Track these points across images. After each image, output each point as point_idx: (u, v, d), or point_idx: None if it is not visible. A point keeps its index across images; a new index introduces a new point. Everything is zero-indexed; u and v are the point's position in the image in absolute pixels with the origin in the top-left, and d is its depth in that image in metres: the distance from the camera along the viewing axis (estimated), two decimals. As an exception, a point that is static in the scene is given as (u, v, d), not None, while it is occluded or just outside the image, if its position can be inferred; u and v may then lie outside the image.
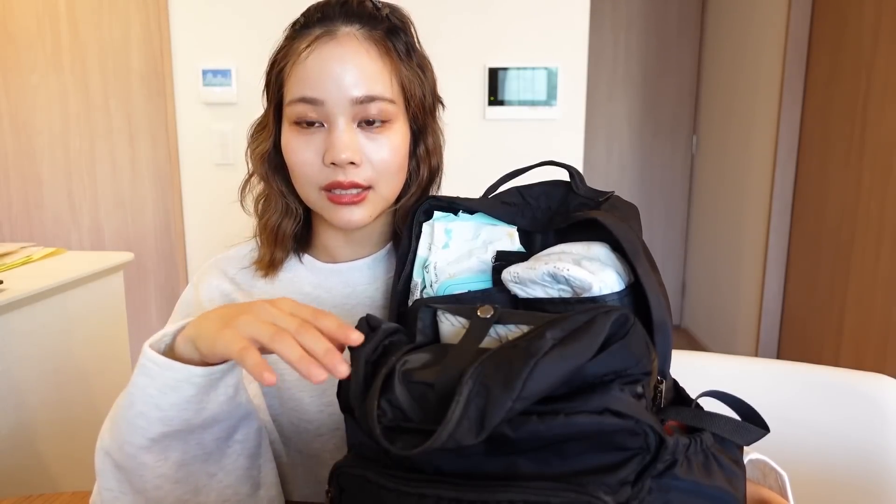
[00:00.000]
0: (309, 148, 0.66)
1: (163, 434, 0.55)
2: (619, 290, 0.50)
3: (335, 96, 0.64)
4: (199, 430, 0.57)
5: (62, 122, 2.37)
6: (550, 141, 2.17)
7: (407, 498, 0.45)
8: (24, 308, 1.26)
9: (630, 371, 0.43)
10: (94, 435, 0.65)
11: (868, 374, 0.87)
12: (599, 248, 0.53)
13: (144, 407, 0.54)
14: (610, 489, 0.41)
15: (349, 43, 0.65)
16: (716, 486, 0.45)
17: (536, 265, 0.52)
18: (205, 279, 0.77)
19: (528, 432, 0.42)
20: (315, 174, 0.66)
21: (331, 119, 0.65)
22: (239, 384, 0.58)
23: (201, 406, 0.55)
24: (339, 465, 0.50)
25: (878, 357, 1.94)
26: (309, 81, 0.65)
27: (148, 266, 2.44)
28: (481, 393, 0.40)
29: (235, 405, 0.58)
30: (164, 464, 0.57)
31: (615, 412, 0.41)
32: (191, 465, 0.58)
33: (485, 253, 0.59)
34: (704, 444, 0.46)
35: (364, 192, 0.66)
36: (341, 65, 0.64)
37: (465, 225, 0.62)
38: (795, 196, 2.48)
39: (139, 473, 0.57)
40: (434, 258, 0.60)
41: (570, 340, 0.41)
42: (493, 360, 0.42)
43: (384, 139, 0.67)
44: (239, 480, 0.61)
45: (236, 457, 0.61)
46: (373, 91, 0.65)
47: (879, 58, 1.95)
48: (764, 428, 0.48)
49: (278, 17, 2.47)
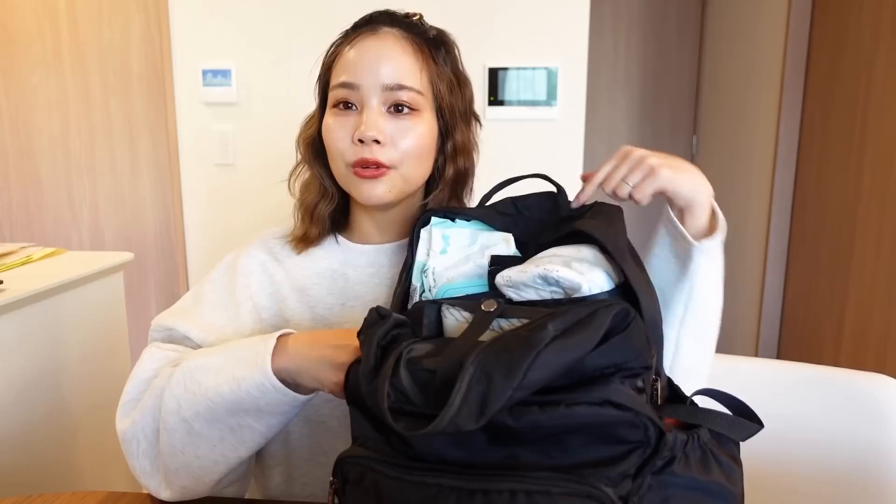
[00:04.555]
0: (343, 127, 0.73)
1: (237, 420, 0.64)
2: (608, 290, 0.52)
3: (369, 82, 0.72)
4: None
5: (62, 122, 2.37)
6: (550, 141, 2.17)
7: (410, 487, 0.45)
8: (24, 308, 1.26)
9: (630, 364, 0.44)
10: (94, 435, 0.67)
11: (868, 374, 0.87)
12: (588, 249, 0.55)
13: (245, 407, 0.63)
14: (611, 481, 0.41)
15: (387, 38, 0.73)
16: (714, 481, 0.45)
17: (528, 268, 0.53)
18: (247, 250, 0.83)
19: (530, 422, 0.42)
20: (345, 150, 0.73)
21: (363, 102, 0.72)
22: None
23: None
24: (343, 456, 0.51)
25: (878, 357, 1.94)
26: (348, 68, 0.73)
27: (148, 266, 2.44)
28: (482, 380, 0.41)
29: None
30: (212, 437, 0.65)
31: (616, 404, 0.41)
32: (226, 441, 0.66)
33: (482, 258, 0.61)
34: (701, 440, 0.46)
35: (386, 169, 0.73)
36: (377, 55, 0.72)
37: (463, 231, 0.64)
38: (795, 196, 2.48)
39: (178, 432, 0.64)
40: (432, 263, 0.62)
41: (571, 332, 0.42)
42: (495, 348, 0.43)
43: (410, 125, 0.73)
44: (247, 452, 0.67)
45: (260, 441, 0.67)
46: (402, 80, 0.72)
47: (879, 58, 1.95)
48: (758, 423, 0.48)
49: (278, 18, 2.48)
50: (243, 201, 2.24)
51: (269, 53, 2.14)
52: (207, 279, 0.82)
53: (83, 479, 1.40)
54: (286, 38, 2.13)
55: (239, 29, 2.15)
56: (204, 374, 0.64)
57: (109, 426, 1.50)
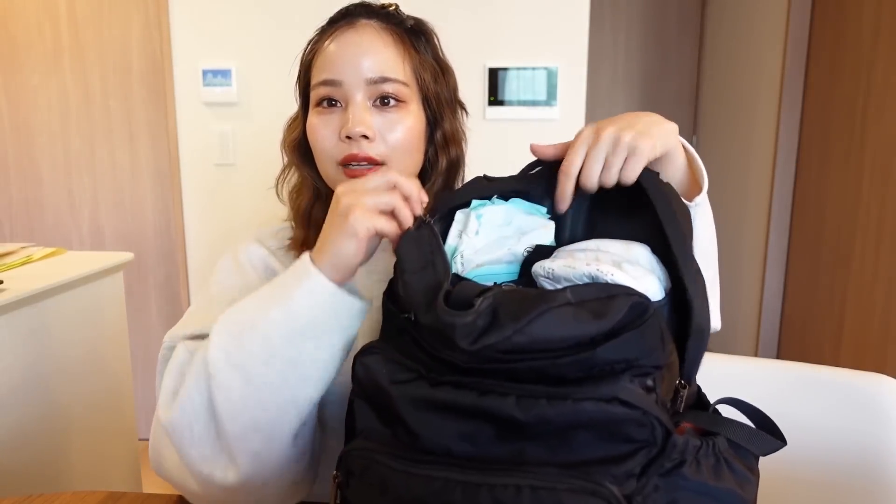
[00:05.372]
0: (328, 126, 0.72)
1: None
2: (658, 299, 0.48)
3: (352, 78, 0.70)
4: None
5: (62, 122, 2.37)
6: (550, 141, 2.17)
7: (415, 480, 0.45)
8: (24, 308, 1.25)
9: (641, 362, 0.43)
10: (94, 434, 0.65)
11: (868, 374, 0.87)
12: (640, 249, 0.51)
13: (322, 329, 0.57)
14: (616, 479, 0.41)
15: (366, 31, 0.72)
16: (724, 487, 0.45)
17: (576, 264, 0.49)
18: (243, 247, 0.81)
19: (537, 416, 0.42)
20: (332, 149, 0.72)
21: (348, 98, 0.71)
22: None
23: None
24: (347, 450, 0.51)
25: (878, 357, 1.94)
26: (329, 65, 0.71)
27: (148, 266, 2.44)
28: (489, 313, 0.43)
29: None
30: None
31: (623, 401, 0.41)
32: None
33: (517, 244, 0.57)
34: (717, 447, 0.45)
35: (377, 165, 0.71)
36: (358, 49, 0.71)
37: (497, 209, 0.60)
38: (795, 196, 2.48)
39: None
40: (463, 247, 0.58)
41: (586, 306, 0.43)
42: (512, 293, 0.45)
43: (397, 118, 0.72)
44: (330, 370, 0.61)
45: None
46: (386, 73, 0.71)
47: (879, 58, 1.95)
48: (781, 440, 0.47)
49: (278, 17, 2.47)
50: (243, 201, 2.24)
51: (269, 53, 2.14)
52: (213, 282, 0.77)
53: (83, 479, 1.40)
54: (286, 38, 2.13)
55: (239, 29, 2.15)
56: (244, 313, 0.58)
57: (109, 426, 1.50)
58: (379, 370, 0.50)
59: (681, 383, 0.47)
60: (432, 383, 0.47)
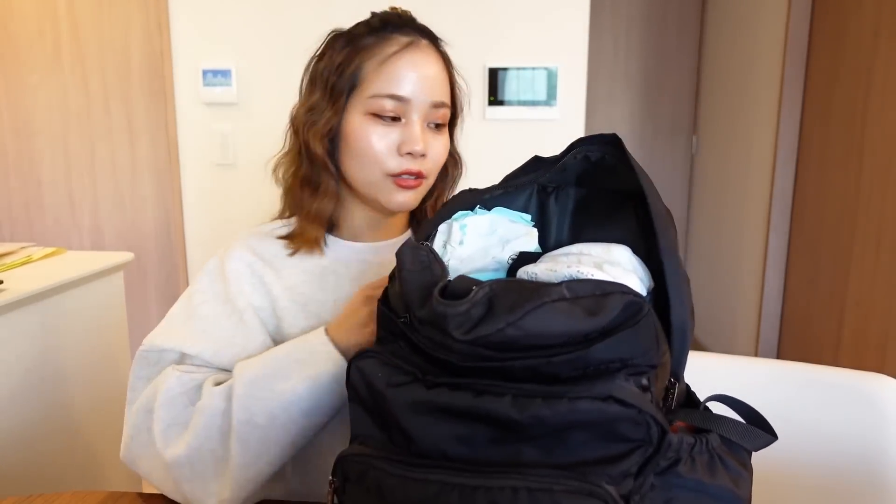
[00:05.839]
0: (387, 137, 0.74)
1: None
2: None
3: (420, 98, 0.74)
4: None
5: (62, 122, 2.37)
6: (550, 141, 2.17)
7: (412, 484, 0.45)
8: (24, 308, 1.26)
9: (636, 361, 0.43)
10: (94, 435, 0.66)
11: (868, 374, 0.87)
12: (620, 250, 0.52)
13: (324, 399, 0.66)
14: (612, 479, 0.41)
15: (430, 54, 0.76)
16: (719, 485, 0.45)
17: (557, 267, 0.50)
18: (229, 254, 0.81)
19: (533, 415, 0.42)
20: (386, 160, 0.74)
21: (409, 116, 0.75)
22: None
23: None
24: (344, 454, 0.51)
25: (878, 357, 1.94)
26: (399, 81, 0.73)
27: (148, 266, 2.44)
28: (485, 303, 0.43)
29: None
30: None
31: (619, 400, 0.41)
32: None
33: (500, 251, 0.58)
34: (710, 444, 0.45)
35: (422, 179, 0.77)
36: (427, 72, 0.75)
37: (481, 219, 0.60)
38: (795, 196, 2.48)
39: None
40: (448, 257, 0.58)
41: (581, 302, 0.43)
42: (510, 284, 0.45)
43: (441, 138, 0.78)
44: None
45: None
46: (444, 98, 0.77)
47: (879, 58, 1.95)
48: (772, 434, 0.48)
49: (278, 17, 2.47)
50: (243, 201, 2.24)
51: (269, 53, 2.14)
52: (196, 291, 0.79)
53: (83, 479, 1.40)
54: (286, 38, 2.13)
55: (239, 29, 2.15)
56: (270, 381, 0.66)
57: (109, 426, 1.50)
58: (375, 374, 0.50)
59: (671, 381, 0.47)
60: (428, 385, 0.47)
